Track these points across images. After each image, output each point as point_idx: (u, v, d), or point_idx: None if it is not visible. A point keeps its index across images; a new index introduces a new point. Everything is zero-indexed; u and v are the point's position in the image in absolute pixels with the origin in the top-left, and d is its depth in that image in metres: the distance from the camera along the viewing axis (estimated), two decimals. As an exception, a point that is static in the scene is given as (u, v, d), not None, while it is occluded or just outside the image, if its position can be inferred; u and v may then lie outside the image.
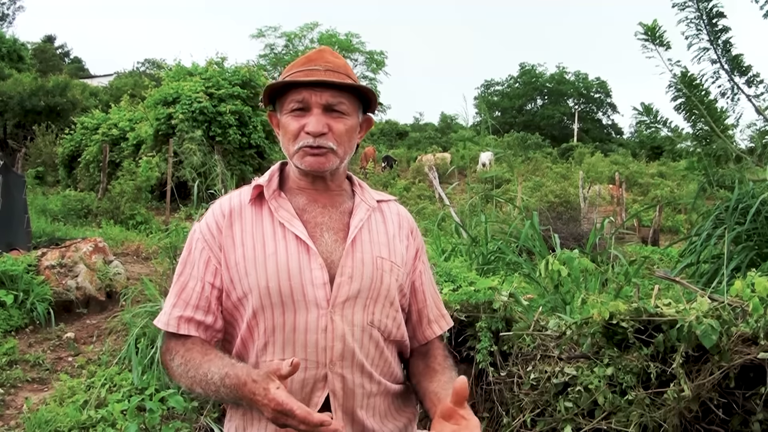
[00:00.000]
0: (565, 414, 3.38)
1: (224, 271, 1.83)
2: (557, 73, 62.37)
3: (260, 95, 2.13)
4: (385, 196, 2.06)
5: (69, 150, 21.53)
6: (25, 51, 39.29)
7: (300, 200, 1.90)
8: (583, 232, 11.03)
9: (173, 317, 1.84)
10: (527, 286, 5.13)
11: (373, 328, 1.84)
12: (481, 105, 45.87)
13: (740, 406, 3.05)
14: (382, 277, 1.85)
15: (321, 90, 1.80)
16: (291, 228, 1.82)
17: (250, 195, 1.89)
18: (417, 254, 2.03)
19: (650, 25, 6.48)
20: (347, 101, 1.84)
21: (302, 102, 1.80)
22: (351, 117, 1.86)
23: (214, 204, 1.96)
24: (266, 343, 1.78)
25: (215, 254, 1.85)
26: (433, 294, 2.09)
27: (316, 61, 1.83)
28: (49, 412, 4.82)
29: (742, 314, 3.24)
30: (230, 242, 1.84)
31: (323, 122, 1.79)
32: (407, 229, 2.03)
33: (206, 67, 20.06)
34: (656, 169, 30.50)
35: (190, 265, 1.88)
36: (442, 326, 2.07)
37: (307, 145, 1.79)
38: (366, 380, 1.82)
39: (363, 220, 1.90)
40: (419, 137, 47.06)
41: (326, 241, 1.84)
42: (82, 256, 8.04)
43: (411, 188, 24.42)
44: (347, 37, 48.23)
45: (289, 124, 1.83)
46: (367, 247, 1.86)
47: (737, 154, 6.66)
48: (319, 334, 1.76)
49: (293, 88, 1.82)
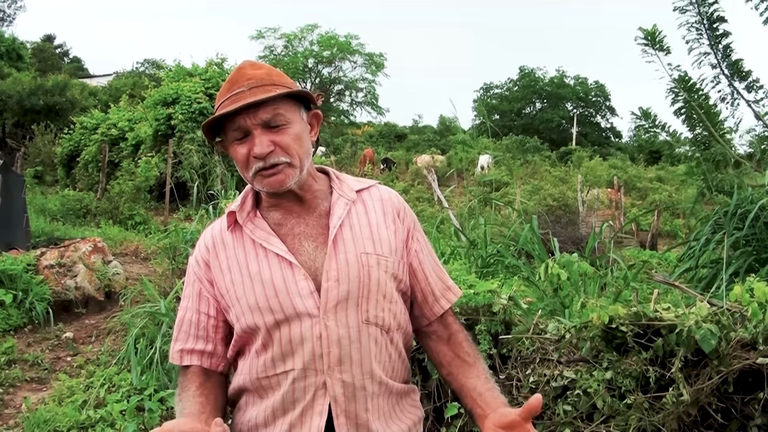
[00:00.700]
0: (564, 417, 3.39)
1: (221, 300, 1.88)
2: (557, 77, 62.39)
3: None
4: (366, 183, 2.03)
5: (68, 150, 21.52)
6: (24, 50, 39.32)
7: (275, 215, 1.90)
8: (581, 236, 11.04)
9: (175, 351, 1.92)
10: (526, 290, 5.13)
11: (370, 325, 1.83)
12: (479, 108, 45.84)
13: (739, 411, 3.05)
14: (369, 273, 1.83)
15: (252, 111, 1.76)
16: (269, 247, 1.83)
17: (227, 223, 1.92)
18: (409, 234, 2.00)
19: (650, 29, 6.49)
20: (284, 109, 1.80)
21: (240, 129, 1.78)
22: (294, 123, 1.82)
23: (203, 234, 2.01)
24: (266, 359, 1.82)
25: (206, 287, 1.91)
26: (434, 269, 2.05)
27: (238, 82, 1.80)
28: (47, 411, 4.83)
29: (741, 319, 3.25)
30: (219, 272, 1.88)
31: (266, 142, 1.77)
32: (392, 213, 1.98)
33: (206, 68, 20.05)
34: (655, 174, 30.55)
35: (186, 298, 1.96)
36: (449, 299, 2.04)
37: (260, 168, 1.78)
38: (368, 381, 1.81)
39: (342, 218, 1.87)
40: (418, 139, 47.04)
41: (307, 250, 1.84)
42: (81, 256, 8.05)
43: (410, 190, 24.43)
44: (347, 38, 48.30)
45: (237, 152, 1.81)
46: (350, 245, 1.85)
47: (736, 160, 6.67)
48: (315, 341, 1.76)
49: (227, 119, 1.80)
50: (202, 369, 1.89)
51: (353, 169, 28.48)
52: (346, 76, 50.39)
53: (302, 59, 48.19)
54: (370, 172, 27.57)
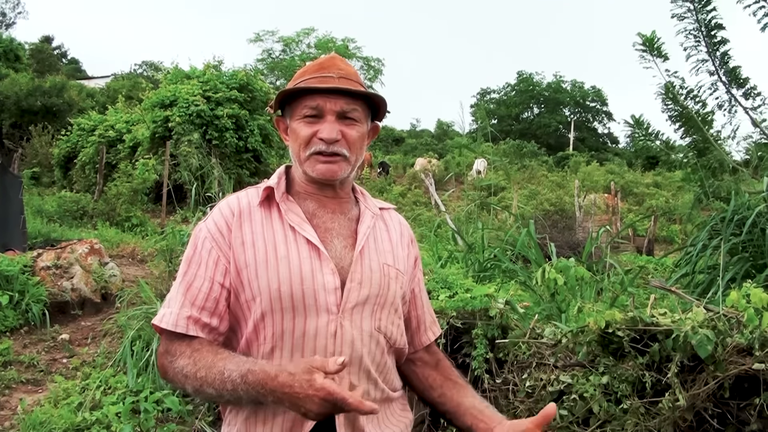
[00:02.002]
0: (560, 422, 3.39)
1: (233, 271, 1.80)
2: (554, 82, 62.47)
3: (267, 100, 2.06)
4: (386, 204, 2.08)
5: (65, 151, 21.51)
6: (22, 51, 39.24)
7: (309, 205, 1.90)
8: (578, 241, 11.06)
9: (182, 317, 1.77)
10: (523, 294, 5.14)
11: (380, 334, 1.85)
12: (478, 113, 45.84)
13: (735, 416, 3.06)
14: (389, 284, 1.87)
15: (336, 97, 1.81)
16: (302, 232, 1.81)
17: (259, 196, 1.87)
18: (416, 262, 2.07)
19: (649, 36, 6.51)
20: (360, 108, 1.85)
21: (316, 108, 1.81)
22: (362, 124, 1.87)
23: (220, 203, 1.92)
24: (273, 347, 1.76)
25: (224, 253, 1.81)
26: (427, 301, 2.14)
27: (329, 68, 1.84)
28: (43, 413, 4.81)
29: (738, 325, 3.25)
30: (239, 242, 1.81)
31: (337, 129, 1.80)
32: (408, 238, 2.06)
33: (204, 71, 20.06)
34: (651, 179, 30.57)
35: (195, 264, 1.83)
36: (435, 332, 2.13)
37: (320, 151, 1.80)
38: (372, 387, 1.83)
39: (370, 228, 1.92)
40: (416, 143, 47.07)
41: (336, 247, 1.85)
42: (77, 258, 8.03)
43: (407, 194, 24.42)
44: (344, 42, 48.31)
45: (301, 129, 1.83)
46: (374, 254, 1.88)
47: (733, 166, 6.68)
48: (329, 339, 1.76)
49: (307, 95, 1.82)
50: (207, 340, 1.78)
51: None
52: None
53: (300, 63, 48.19)
54: (367, 176, 27.55)
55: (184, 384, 1.74)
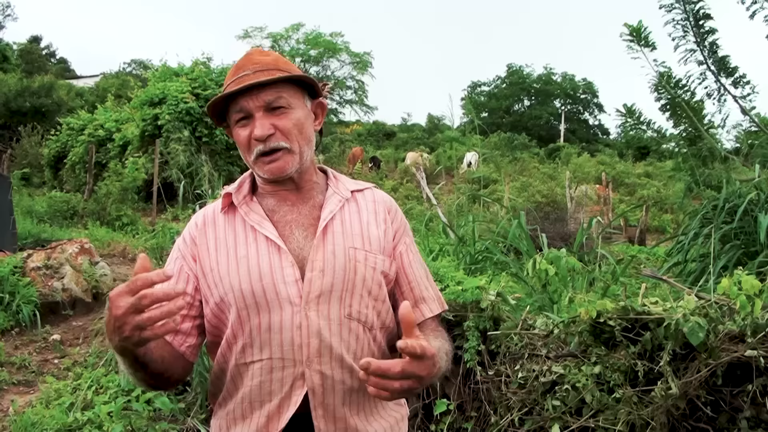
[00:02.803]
0: (553, 412, 3.38)
1: (201, 279, 1.85)
2: (544, 74, 62.55)
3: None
4: (362, 185, 2.04)
5: (55, 151, 21.48)
6: (10, 51, 39.12)
7: (270, 202, 1.91)
8: (570, 232, 11.05)
9: None
10: (515, 286, 5.13)
11: (352, 320, 1.82)
12: (467, 105, 45.91)
13: (727, 403, 3.06)
14: (355, 268, 1.83)
15: (255, 93, 1.78)
16: (261, 230, 1.83)
17: (221, 204, 1.91)
18: (396, 235, 1.99)
19: (635, 26, 6.49)
20: (287, 94, 1.82)
21: (243, 111, 1.80)
22: (296, 109, 1.84)
23: (195, 215, 1.99)
24: (244, 345, 1.79)
25: (188, 263, 1.88)
26: (419, 276, 2.01)
27: (244, 66, 1.82)
28: (35, 414, 4.79)
29: (729, 312, 3.25)
30: (204, 250, 1.87)
31: (267, 124, 1.78)
32: (383, 213, 1.98)
33: (192, 68, 20.03)
34: (643, 170, 30.62)
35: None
36: (432, 308, 2.00)
37: (261, 152, 1.80)
38: (347, 375, 1.79)
39: (333, 212, 1.88)
40: (407, 138, 47.00)
41: (297, 238, 1.84)
42: (68, 258, 8.00)
43: (399, 189, 24.40)
44: (332, 36, 48.24)
45: (239, 135, 1.83)
46: (339, 238, 1.84)
47: (723, 155, 6.69)
48: (294, 331, 1.75)
49: (231, 101, 1.82)
50: (164, 341, 1.79)
51: (342, 168, 28.41)
52: (334, 75, 50.34)
53: (289, 59, 48.04)
54: (359, 171, 27.55)
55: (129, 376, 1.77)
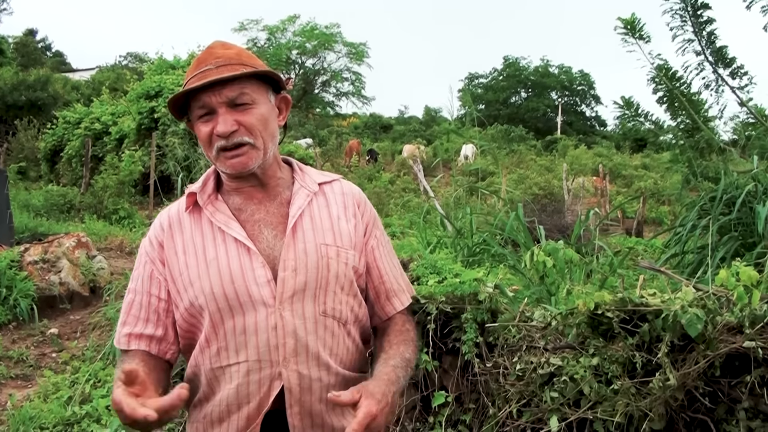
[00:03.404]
0: (551, 404, 3.38)
1: (170, 284, 1.82)
2: (541, 66, 62.46)
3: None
4: (329, 176, 2.01)
5: (51, 145, 21.44)
6: (5, 44, 38.98)
7: (236, 200, 1.87)
8: (567, 224, 11.07)
9: (123, 335, 1.85)
10: (512, 278, 5.12)
11: (327, 317, 1.81)
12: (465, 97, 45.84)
13: (726, 394, 3.06)
14: (328, 265, 1.81)
15: (218, 89, 1.74)
16: (228, 231, 1.79)
17: (185, 204, 1.87)
18: (367, 229, 1.98)
19: (629, 19, 6.48)
20: (250, 89, 1.78)
21: (205, 107, 1.76)
22: (260, 104, 1.80)
23: (159, 214, 1.95)
24: (219, 349, 1.77)
25: (158, 268, 1.85)
26: (390, 269, 2.03)
27: (206, 60, 1.78)
28: (33, 408, 4.79)
29: (727, 303, 3.25)
30: (173, 254, 1.83)
31: (230, 121, 1.74)
32: (353, 207, 1.97)
33: (188, 60, 20.00)
34: (640, 161, 30.69)
35: (135, 279, 1.89)
36: (403, 301, 2.03)
37: (223, 147, 1.76)
38: (324, 373, 1.79)
39: (302, 207, 1.85)
40: (404, 130, 46.99)
41: (266, 238, 1.81)
42: (65, 252, 8.00)
43: (396, 181, 24.39)
44: (328, 28, 48.14)
45: (201, 131, 1.79)
46: (309, 235, 1.82)
47: (721, 146, 6.68)
48: (270, 332, 1.74)
49: (192, 97, 1.78)
50: (148, 354, 1.82)
51: (339, 161, 28.38)
52: (331, 67, 50.27)
53: (286, 51, 47.98)
54: (356, 164, 27.53)
55: None
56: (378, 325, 2.03)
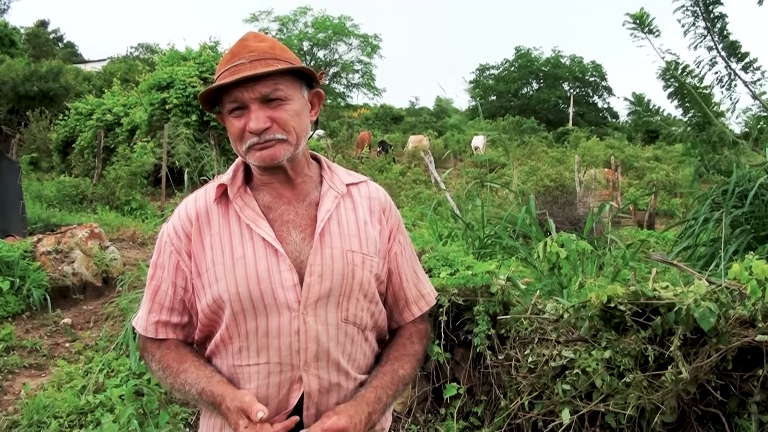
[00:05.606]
0: (563, 397, 3.39)
1: (195, 278, 1.80)
2: (553, 57, 62.10)
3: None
4: (356, 177, 1.97)
5: (63, 136, 21.48)
6: (17, 36, 39.02)
7: (265, 197, 1.83)
8: (578, 216, 11.04)
9: (150, 323, 1.86)
10: (524, 270, 5.12)
11: (348, 324, 1.80)
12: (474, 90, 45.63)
13: (738, 388, 3.06)
14: (353, 272, 1.79)
15: (251, 84, 1.70)
16: (257, 230, 1.76)
17: (214, 194, 1.83)
18: (391, 235, 1.95)
19: (638, 13, 6.44)
20: (284, 85, 1.73)
21: (237, 101, 1.72)
22: (293, 100, 1.76)
23: (181, 205, 1.90)
24: (241, 348, 1.76)
25: (183, 260, 1.82)
26: (411, 275, 2.02)
27: (239, 53, 1.73)
28: (47, 397, 4.82)
29: (740, 297, 3.25)
30: (200, 248, 1.80)
31: (263, 117, 1.70)
32: (378, 212, 1.94)
33: (200, 52, 20.01)
34: (652, 153, 30.50)
35: (160, 267, 1.86)
36: (421, 307, 2.03)
37: (254, 143, 1.72)
38: (343, 378, 1.80)
39: (330, 211, 1.82)
40: (414, 122, 46.91)
41: (294, 240, 1.79)
42: (78, 242, 8.03)
43: (407, 173, 24.36)
44: (341, 19, 48.09)
45: (232, 125, 1.75)
46: (336, 241, 1.80)
47: (733, 139, 6.65)
48: (293, 336, 1.73)
49: (224, 91, 1.74)
50: (178, 341, 1.86)
51: (350, 152, 28.37)
52: (342, 58, 50.25)
53: (297, 42, 47.97)
54: (366, 155, 27.52)
55: (159, 382, 1.85)
56: (392, 328, 2.04)
